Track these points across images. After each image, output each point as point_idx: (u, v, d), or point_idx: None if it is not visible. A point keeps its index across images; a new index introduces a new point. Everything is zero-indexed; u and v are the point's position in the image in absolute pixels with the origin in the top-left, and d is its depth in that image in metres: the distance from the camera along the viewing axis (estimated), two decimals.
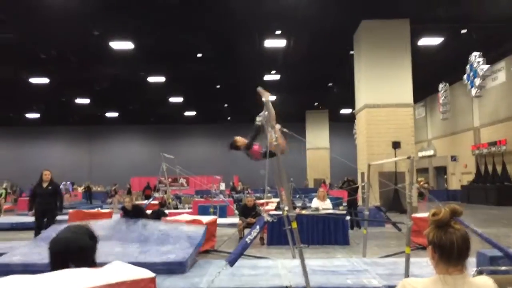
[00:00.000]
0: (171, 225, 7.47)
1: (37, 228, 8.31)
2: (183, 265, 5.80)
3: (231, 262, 3.98)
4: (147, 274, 3.43)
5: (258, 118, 5.13)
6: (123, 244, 6.54)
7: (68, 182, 35.62)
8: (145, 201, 17.43)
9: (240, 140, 5.42)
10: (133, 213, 9.11)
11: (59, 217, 12.46)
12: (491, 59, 20.71)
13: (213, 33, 17.41)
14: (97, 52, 19.00)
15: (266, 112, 4.96)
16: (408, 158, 5.06)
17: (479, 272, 3.53)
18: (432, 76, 23.24)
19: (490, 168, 22.70)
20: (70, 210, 12.55)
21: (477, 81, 17.21)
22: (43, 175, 8.43)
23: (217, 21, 16.02)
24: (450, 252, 1.61)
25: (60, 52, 18.19)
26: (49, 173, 8.44)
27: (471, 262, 5.53)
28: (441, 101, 23.44)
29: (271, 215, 4.82)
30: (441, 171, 30.72)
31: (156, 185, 22.87)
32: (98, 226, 6.48)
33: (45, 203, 8.23)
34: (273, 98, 27.68)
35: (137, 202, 18.77)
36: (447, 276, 1.61)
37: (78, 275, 3.15)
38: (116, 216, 12.08)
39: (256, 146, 5.31)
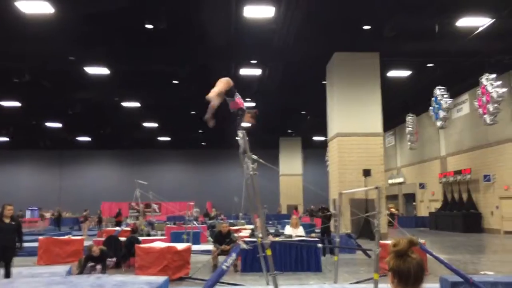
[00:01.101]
0: (128, 276, 7.17)
1: None
2: None
3: None
4: None
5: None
6: None
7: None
8: (117, 228, 17.20)
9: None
10: (100, 258, 9.00)
11: (26, 244, 12.21)
12: (455, 92, 21.72)
13: (189, 60, 17.69)
14: (71, 76, 18.98)
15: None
16: (376, 188, 5.34)
17: None
18: (401, 106, 24.09)
19: (456, 196, 23.45)
20: (40, 237, 12.27)
21: (441, 113, 17.99)
22: (5, 210, 7.53)
23: (193, 49, 16.33)
24: (407, 277, 1.83)
25: (33, 76, 18.07)
26: (12, 207, 7.64)
27: (435, 287, 5.81)
28: (407, 131, 24.30)
29: (246, 243, 4.98)
30: (410, 198, 31.48)
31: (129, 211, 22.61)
32: (50, 281, 6.27)
33: (7, 240, 7.41)
34: (247, 125, 28.04)
35: (109, 229, 18.52)
36: None
37: None
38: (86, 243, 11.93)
39: (239, 100, 5.48)
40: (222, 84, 5.38)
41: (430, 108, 19.29)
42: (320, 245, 8.57)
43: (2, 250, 7.32)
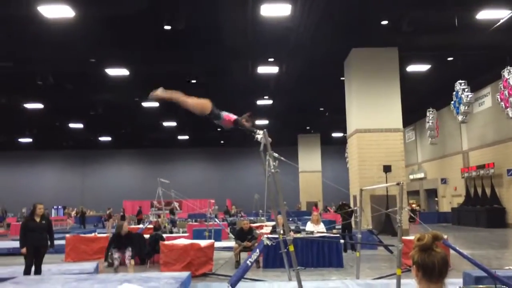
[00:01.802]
0: (153, 272, 7.28)
1: (28, 266, 7.52)
2: None
3: (233, 284, 4.22)
4: None
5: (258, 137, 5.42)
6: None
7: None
8: (140, 225, 17.51)
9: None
10: (127, 241, 9.18)
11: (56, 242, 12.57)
12: (477, 85, 21.39)
13: (207, 60, 17.85)
14: (92, 78, 19.35)
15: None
16: (398, 184, 5.37)
17: None
18: (421, 101, 23.86)
19: (479, 190, 23.11)
20: (67, 235, 12.61)
21: (462, 108, 17.76)
22: (36, 209, 7.68)
23: (211, 48, 16.47)
24: (431, 271, 1.89)
25: (56, 79, 18.50)
26: (43, 206, 7.82)
27: (458, 282, 5.82)
28: (427, 126, 24.03)
29: (269, 239, 5.07)
30: (432, 193, 31.12)
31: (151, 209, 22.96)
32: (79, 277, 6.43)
33: (40, 239, 7.55)
34: (265, 122, 28.17)
35: (131, 226, 18.86)
36: None
37: None
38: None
39: (227, 116, 5.60)
40: (196, 104, 5.46)
41: (451, 102, 19.06)
42: (342, 241, 8.60)
43: (35, 248, 7.52)
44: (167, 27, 14.16)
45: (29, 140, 33.92)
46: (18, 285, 5.83)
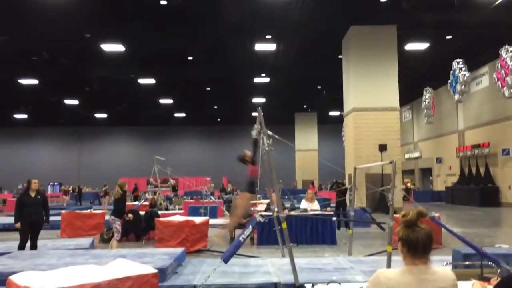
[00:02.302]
0: (148, 248, 7.33)
1: (23, 241, 7.51)
2: (164, 272, 5.22)
3: (226, 260, 4.27)
4: (150, 270, 3.72)
5: (253, 132, 5.49)
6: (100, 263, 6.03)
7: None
8: (136, 202, 17.60)
9: (248, 154, 6.05)
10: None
11: (50, 218, 12.62)
12: (475, 64, 21.30)
13: (204, 37, 17.66)
14: (88, 54, 19.15)
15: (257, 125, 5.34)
16: (390, 162, 5.40)
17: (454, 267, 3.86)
18: (418, 80, 23.77)
19: (474, 170, 23.28)
20: (63, 211, 12.68)
21: (459, 87, 17.73)
22: (31, 184, 7.68)
23: (208, 25, 16.28)
24: (416, 247, 1.92)
25: (51, 54, 18.30)
26: (37, 181, 7.81)
27: (448, 259, 5.91)
28: (423, 105, 24.02)
29: (263, 216, 5.12)
30: (427, 172, 31.34)
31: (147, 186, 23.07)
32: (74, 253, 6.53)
33: (35, 214, 7.57)
34: (262, 100, 28.09)
35: (128, 203, 18.96)
36: (413, 267, 1.93)
37: (86, 271, 3.42)
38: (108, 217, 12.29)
39: (255, 167, 5.94)
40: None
41: (448, 81, 19.01)
42: (334, 218, 8.69)
43: (30, 224, 7.53)
44: (163, 2, 13.98)
45: (25, 116, 33.75)
46: (13, 259, 5.88)
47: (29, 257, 6.16)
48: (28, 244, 7.57)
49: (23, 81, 23.11)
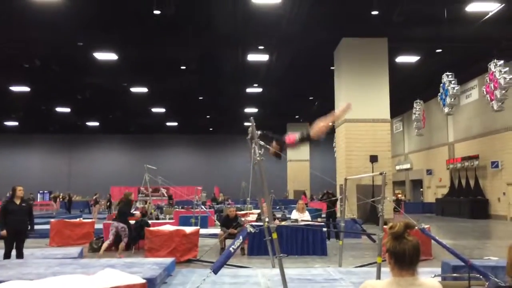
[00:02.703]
0: (136, 258, 7.26)
1: (8, 249, 7.43)
2: (152, 282, 5.15)
3: (215, 270, 4.25)
4: (139, 280, 3.70)
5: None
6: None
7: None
8: None
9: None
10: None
11: (39, 227, 12.47)
12: (465, 78, 21.56)
13: (197, 46, 17.72)
14: (80, 62, 19.12)
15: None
16: (381, 174, 5.44)
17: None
18: (409, 92, 24.01)
19: (463, 182, 23.45)
20: (52, 220, 12.55)
21: (448, 100, 17.93)
22: (16, 191, 7.58)
23: (201, 34, 16.35)
24: (403, 258, 1.94)
25: (43, 62, 18.24)
26: (22, 189, 7.72)
27: (437, 270, 5.94)
28: (413, 117, 24.23)
29: (253, 226, 5.11)
30: (418, 184, 31.51)
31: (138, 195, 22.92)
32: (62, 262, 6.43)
33: (20, 222, 7.45)
34: (254, 110, 28.16)
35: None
36: (401, 278, 1.94)
37: (74, 281, 3.39)
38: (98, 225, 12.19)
39: (288, 138, 5.62)
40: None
41: (438, 94, 19.21)
42: (325, 229, 8.70)
43: (15, 232, 7.41)
44: (157, 12, 14.02)
45: (15, 123, 33.49)
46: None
47: (16, 266, 6.09)
48: (13, 252, 7.46)
49: (15, 88, 22.98)
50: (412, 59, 18.88)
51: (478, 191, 22.21)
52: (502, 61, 16.25)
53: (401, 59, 18.70)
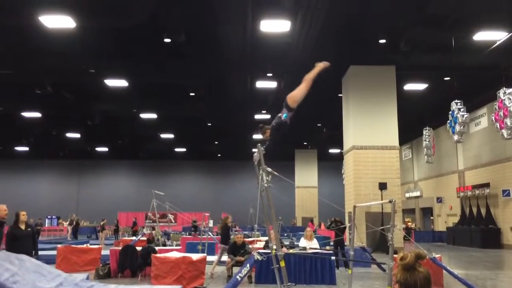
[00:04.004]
0: (142, 285, 7.13)
1: None
2: None
3: None
4: None
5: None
6: None
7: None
8: (133, 238, 17.41)
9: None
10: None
11: (45, 252, 12.42)
12: (473, 105, 21.53)
13: (206, 73, 17.97)
14: (91, 88, 19.43)
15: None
16: (390, 201, 5.38)
17: None
18: (418, 119, 23.97)
19: (475, 210, 23.10)
20: (59, 245, 12.51)
21: (458, 127, 17.84)
22: (20, 216, 7.57)
23: (210, 62, 16.59)
24: None
25: (54, 88, 18.56)
26: (26, 213, 7.64)
27: None
28: (423, 145, 24.12)
29: (260, 254, 5.05)
30: (428, 212, 31.08)
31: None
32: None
33: (27, 247, 7.37)
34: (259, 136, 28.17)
35: (125, 238, 18.77)
36: None
37: None
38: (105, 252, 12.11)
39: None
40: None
41: (447, 121, 19.13)
42: (333, 257, 8.57)
43: None
44: (167, 40, 14.29)
45: (25, 148, 33.82)
46: None
47: None
48: None
49: (26, 114, 23.33)
50: (420, 86, 18.93)
51: (490, 220, 21.83)
52: (511, 89, 16.21)
53: (409, 86, 18.76)
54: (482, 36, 14.10)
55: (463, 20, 13.40)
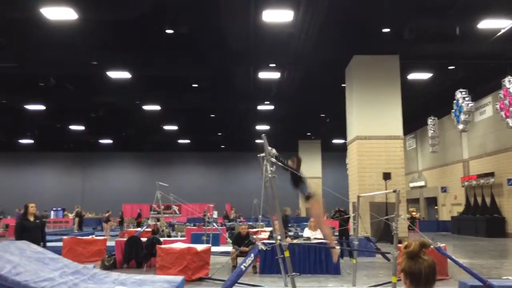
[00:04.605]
0: (146, 275, 7.20)
1: None
2: None
3: None
4: None
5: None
6: None
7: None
8: (138, 229, 17.50)
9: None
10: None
11: (51, 244, 12.50)
12: (478, 94, 21.39)
13: (209, 64, 17.91)
14: (94, 80, 19.43)
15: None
16: (394, 191, 5.36)
17: None
18: (422, 109, 23.86)
19: (479, 199, 23.05)
20: (64, 237, 12.60)
21: (463, 117, 17.74)
22: (29, 208, 7.69)
23: (213, 52, 16.52)
24: (418, 278, 1.89)
25: (58, 80, 18.57)
26: (35, 205, 7.78)
27: None
28: (429, 134, 23.99)
29: (265, 244, 5.07)
30: (432, 201, 31.05)
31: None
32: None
33: (34, 239, 7.31)
34: (266, 127, 28.21)
35: (130, 230, 18.88)
36: None
37: None
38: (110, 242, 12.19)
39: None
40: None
41: (452, 111, 19.04)
42: (337, 247, 8.58)
43: None
44: (169, 31, 14.24)
45: (30, 141, 33.97)
46: None
47: None
48: None
49: (30, 107, 23.37)
50: (425, 76, 18.80)
51: (495, 209, 21.79)
52: None
53: (413, 76, 18.64)
54: (486, 24, 13.96)
55: (467, 8, 13.24)
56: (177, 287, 5.79)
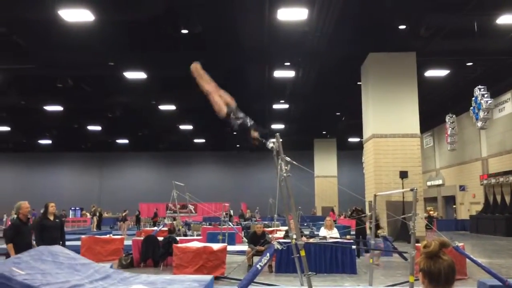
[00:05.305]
0: (175, 276, 7.25)
1: None
2: None
3: None
4: None
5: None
6: None
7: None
8: (155, 228, 17.64)
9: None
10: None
11: (70, 243, 12.65)
12: (497, 91, 21.02)
13: (224, 63, 17.93)
14: (111, 81, 19.64)
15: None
16: (412, 190, 5.30)
17: None
18: (439, 107, 23.55)
19: (498, 198, 22.66)
20: (83, 236, 12.76)
21: (481, 114, 17.43)
22: (49, 207, 7.71)
23: (228, 52, 16.55)
24: (438, 279, 1.86)
25: (75, 82, 18.82)
26: (55, 205, 7.82)
27: None
28: (448, 132, 23.64)
29: (280, 243, 5.05)
30: (450, 200, 30.63)
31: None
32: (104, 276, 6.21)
33: (54, 238, 7.43)
34: (281, 126, 28.18)
35: (147, 229, 19.04)
36: None
37: None
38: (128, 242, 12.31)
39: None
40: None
41: (470, 108, 18.74)
42: (354, 246, 8.52)
43: None
44: (184, 31, 14.31)
45: (48, 141, 34.52)
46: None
47: None
48: None
49: (49, 108, 23.75)
50: (442, 73, 18.54)
51: None
52: None
53: (430, 73, 18.39)
54: (505, 19, 13.70)
55: (485, 3, 13.02)
56: (206, 286, 5.80)
